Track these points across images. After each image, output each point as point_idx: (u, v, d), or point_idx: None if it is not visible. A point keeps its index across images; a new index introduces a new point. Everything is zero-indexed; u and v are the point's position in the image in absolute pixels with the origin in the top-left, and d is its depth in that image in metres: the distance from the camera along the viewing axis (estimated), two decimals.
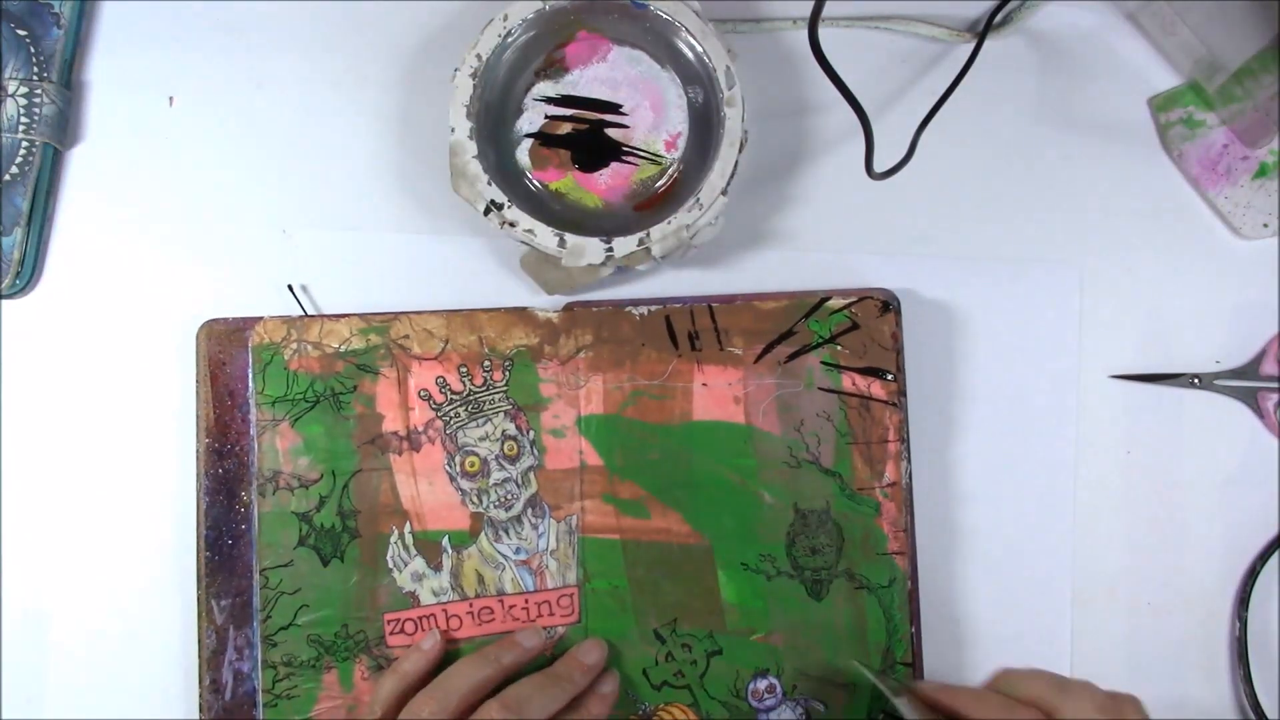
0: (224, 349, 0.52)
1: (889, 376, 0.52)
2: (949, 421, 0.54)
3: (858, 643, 0.51)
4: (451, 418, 0.52)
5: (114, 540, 0.53)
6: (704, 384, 0.52)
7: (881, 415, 0.52)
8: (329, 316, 0.52)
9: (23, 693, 0.52)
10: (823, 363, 0.52)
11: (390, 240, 0.55)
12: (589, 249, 0.50)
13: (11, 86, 0.52)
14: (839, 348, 0.52)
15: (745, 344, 0.52)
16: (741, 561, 0.52)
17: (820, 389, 0.52)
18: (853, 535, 0.52)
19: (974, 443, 0.54)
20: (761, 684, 0.51)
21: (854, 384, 0.52)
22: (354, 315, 0.52)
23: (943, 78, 0.54)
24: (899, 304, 0.52)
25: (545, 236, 0.50)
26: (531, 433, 0.52)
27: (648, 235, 0.50)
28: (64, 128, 0.54)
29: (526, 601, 0.51)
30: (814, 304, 0.52)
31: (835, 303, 0.52)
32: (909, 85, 0.56)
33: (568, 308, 0.52)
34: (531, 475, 0.52)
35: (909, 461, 0.52)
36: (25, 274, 0.53)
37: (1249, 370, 0.55)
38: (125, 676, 0.52)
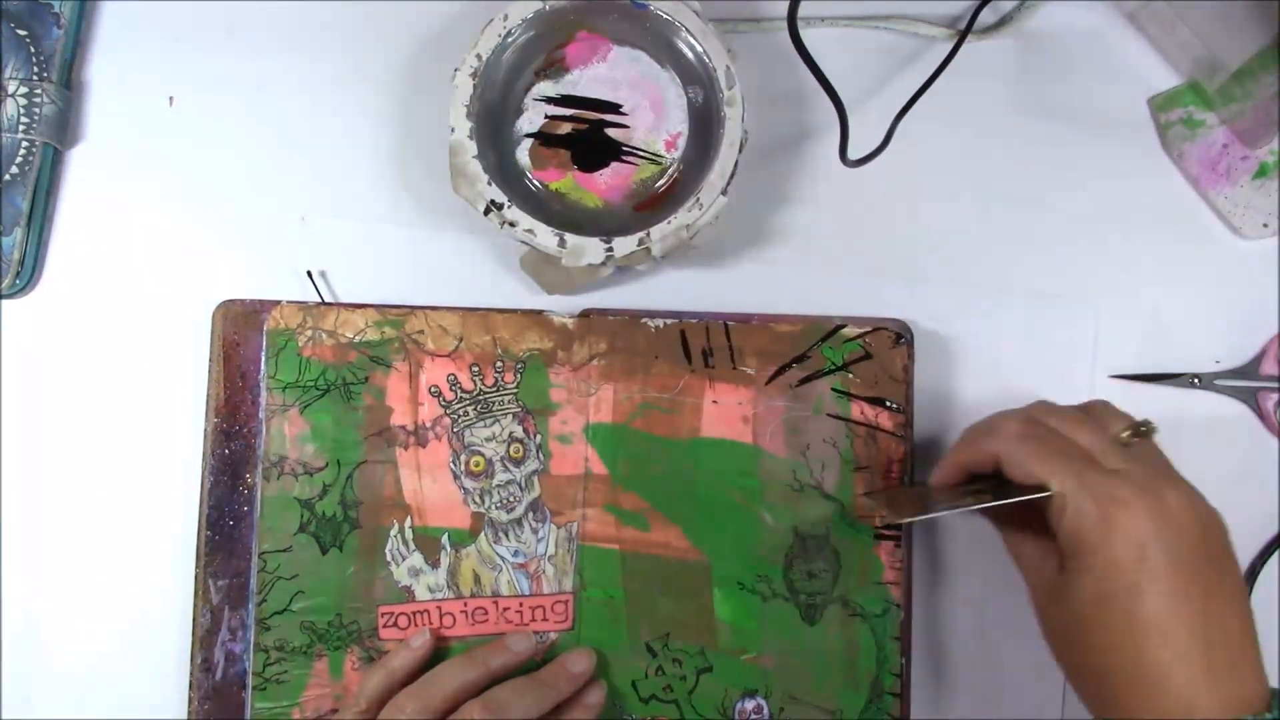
0: (239, 330, 0.52)
1: (897, 408, 0.52)
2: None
3: (847, 670, 0.51)
4: (460, 416, 0.52)
5: (115, 531, 0.53)
6: (714, 401, 0.52)
7: (887, 446, 0.52)
8: (345, 306, 0.52)
9: (20, 664, 0.53)
10: (833, 389, 0.52)
11: (390, 239, 0.55)
12: (589, 249, 0.50)
13: (11, 86, 0.52)
14: (850, 375, 0.52)
15: (759, 365, 0.52)
16: (738, 581, 0.52)
17: (829, 415, 0.52)
18: (850, 562, 0.52)
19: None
20: (749, 704, 0.51)
21: (862, 413, 0.52)
22: (370, 306, 0.52)
23: (943, 76, 0.53)
24: (912, 336, 0.52)
25: (545, 236, 0.50)
26: (539, 437, 0.52)
27: (648, 235, 0.50)
28: (64, 128, 0.54)
29: (521, 605, 0.51)
30: (829, 330, 0.52)
31: (850, 331, 0.52)
32: (911, 84, 0.55)
33: (584, 314, 0.53)
34: (535, 479, 0.52)
35: None
36: (25, 274, 0.53)
37: (1249, 370, 0.55)
38: (121, 653, 0.53)
